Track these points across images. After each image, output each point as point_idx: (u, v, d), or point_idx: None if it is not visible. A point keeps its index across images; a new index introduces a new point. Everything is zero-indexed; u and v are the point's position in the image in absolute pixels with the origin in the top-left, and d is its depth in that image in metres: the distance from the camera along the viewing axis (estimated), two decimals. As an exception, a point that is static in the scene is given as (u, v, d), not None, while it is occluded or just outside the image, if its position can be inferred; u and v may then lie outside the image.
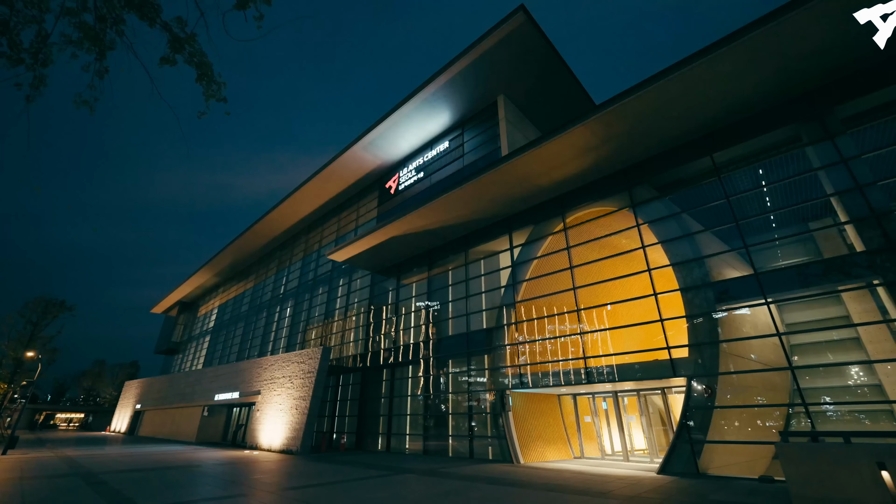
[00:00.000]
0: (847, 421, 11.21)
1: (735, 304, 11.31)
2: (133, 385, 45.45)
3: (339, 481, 10.56)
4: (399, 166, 26.50)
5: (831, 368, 11.61)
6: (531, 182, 15.66)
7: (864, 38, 9.56)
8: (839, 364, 11.60)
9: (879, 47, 9.27)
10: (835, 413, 11.36)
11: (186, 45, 5.68)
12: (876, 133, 10.82)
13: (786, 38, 9.88)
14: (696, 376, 11.07)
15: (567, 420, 16.70)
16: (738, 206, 11.98)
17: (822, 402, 11.34)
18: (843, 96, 10.80)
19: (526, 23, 17.23)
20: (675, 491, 8.60)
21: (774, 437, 9.85)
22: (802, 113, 11.32)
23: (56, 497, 8.56)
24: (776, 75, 10.90)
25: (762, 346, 11.35)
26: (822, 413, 11.26)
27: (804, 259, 12.18)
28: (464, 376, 17.55)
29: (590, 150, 13.85)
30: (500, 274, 17.85)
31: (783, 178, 11.91)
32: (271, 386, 22.02)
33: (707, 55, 10.45)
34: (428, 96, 21.31)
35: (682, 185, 13.66)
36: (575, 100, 21.59)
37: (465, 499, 8.21)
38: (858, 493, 6.02)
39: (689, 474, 10.49)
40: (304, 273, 32.78)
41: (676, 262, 12.36)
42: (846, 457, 6.24)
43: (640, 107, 11.99)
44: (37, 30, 5.72)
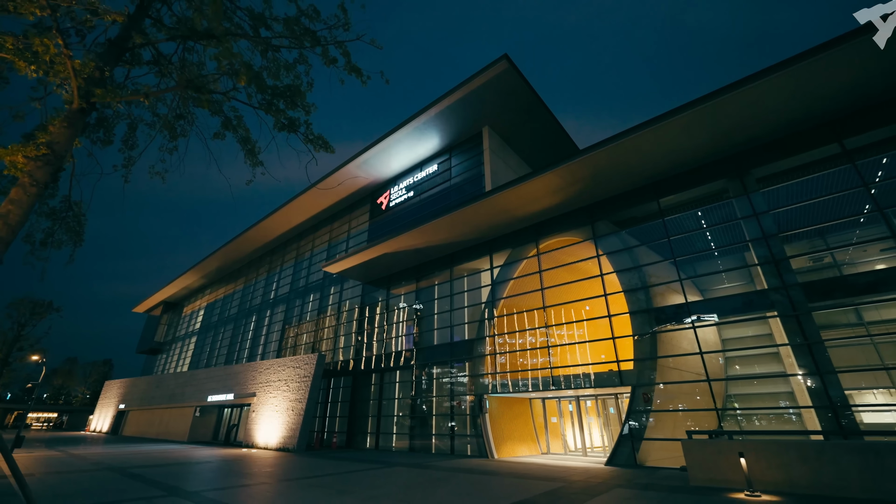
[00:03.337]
0: (764, 421, 13.90)
1: (671, 326, 13.85)
2: (115, 385, 45.75)
3: (341, 472, 12.53)
4: (390, 184, 28.44)
5: (756, 377, 14.31)
6: (510, 213, 17.94)
7: (775, 119, 12.21)
8: (750, 377, 14.31)
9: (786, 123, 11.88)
10: (752, 414, 14.04)
11: (240, 130, 7.55)
12: (785, 192, 13.51)
13: (711, 115, 12.42)
14: (639, 385, 13.53)
15: (536, 421, 19.07)
16: (677, 245, 14.53)
17: (732, 408, 14.01)
18: (758, 161, 13.45)
19: (509, 69, 19.50)
20: (613, 477, 10.97)
21: (695, 434, 12.37)
22: (728, 171, 13.94)
23: (107, 487, 10.24)
24: (708, 141, 13.47)
25: (696, 359, 13.91)
26: (738, 414, 13.91)
27: (721, 293, 14.85)
28: (446, 381, 19.69)
29: (559, 191, 16.21)
30: (481, 291, 20.08)
31: (715, 224, 14.54)
32: (267, 388, 23.64)
33: (652, 125, 12.90)
34: (420, 125, 23.36)
35: (635, 222, 16.16)
36: (552, 133, 24.04)
37: (448, 484, 10.34)
38: (730, 474, 8.47)
39: (629, 465, 12.92)
40: (296, 279, 34.27)
41: (627, 290, 14.84)
42: (723, 449, 8.69)
43: (598, 160, 14.40)
44: (128, 122, 7.57)
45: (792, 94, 11.48)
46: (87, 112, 4.51)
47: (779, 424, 14.02)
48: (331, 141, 7.28)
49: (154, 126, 7.80)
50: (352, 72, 6.43)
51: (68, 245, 6.99)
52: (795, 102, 11.80)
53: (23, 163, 4.35)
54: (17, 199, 4.00)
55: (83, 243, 7.05)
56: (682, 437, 13.47)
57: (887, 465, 7.49)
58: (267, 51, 6.76)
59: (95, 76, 4.68)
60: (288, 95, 5.96)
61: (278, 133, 6.27)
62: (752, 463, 8.41)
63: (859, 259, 14.58)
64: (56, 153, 4.32)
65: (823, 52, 10.20)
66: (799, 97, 11.59)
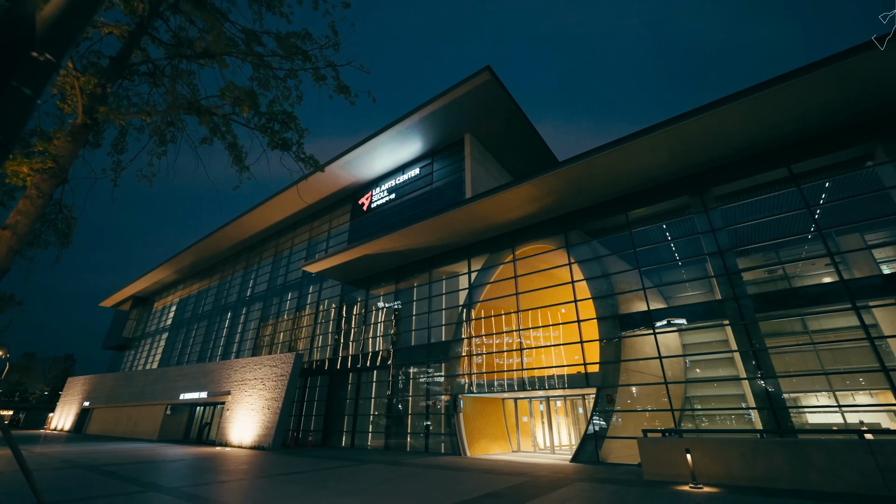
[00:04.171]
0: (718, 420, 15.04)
1: (634, 331, 14.80)
2: (78, 381, 44.12)
3: (317, 469, 12.87)
4: (372, 185, 28.71)
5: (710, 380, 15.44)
6: (488, 220, 18.61)
7: (731, 143, 13.28)
8: (704, 380, 15.44)
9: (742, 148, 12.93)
10: (707, 414, 15.16)
11: (228, 136, 7.87)
12: (741, 210, 14.66)
13: (673, 137, 13.39)
14: (603, 386, 14.41)
15: (508, 420, 19.83)
16: (643, 255, 15.51)
17: (688, 408, 15.10)
18: (717, 180, 14.55)
19: (491, 80, 20.18)
20: (577, 472, 11.74)
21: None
22: (690, 189, 15.00)
23: (83, 484, 10.28)
24: (671, 161, 14.47)
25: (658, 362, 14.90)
26: (694, 414, 15.00)
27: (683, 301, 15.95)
28: (423, 381, 20.20)
29: (535, 200, 16.98)
30: (459, 294, 20.68)
31: (679, 237, 15.60)
32: (242, 387, 23.56)
33: (619, 145, 13.79)
34: (403, 129, 23.77)
35: (605, 233, 17.10)
36: (531, 142, 24.90)
37: (423, 479, 10.87)
38: (678, 469, 9.34)
39: (592, 462, 13.77)
40: (274, 277, 34.04)
41: (595, 297, 15.72)
42: (672, 446, 9.55)
43: (571, 174, 15.23)
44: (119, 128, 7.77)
45: (745, 121, 12.55)
46: (90, 127, 4.80)
47: (732, 424, 15.21)
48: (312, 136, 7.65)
49: (143, 130, 8.02)
50: (340, 92, 6.86)
51: (55, 246, 7.16)
52: (749, 129, 12.88)
53: (26, 173, 4.63)
54: (25, 209, 4.29)
55: (71, 244, 7.23)
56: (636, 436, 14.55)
57: (811, 460, 8.47)
58: (259, 67, 7.12)
59: (98, 93, 4.97)
60: (283, 120, 6.35)
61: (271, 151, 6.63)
62: (698, 459, 9.31)
63: (808, 272, 15.96)
64: (61, 166, 4.61)
65: (768, 88, 11.27)
66: (751, 125, 12.68)
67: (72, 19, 1.59)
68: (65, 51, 1.57)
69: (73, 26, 1.62)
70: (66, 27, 1.56)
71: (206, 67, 6.84)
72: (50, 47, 1.50)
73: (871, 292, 11.70)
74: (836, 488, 8.04)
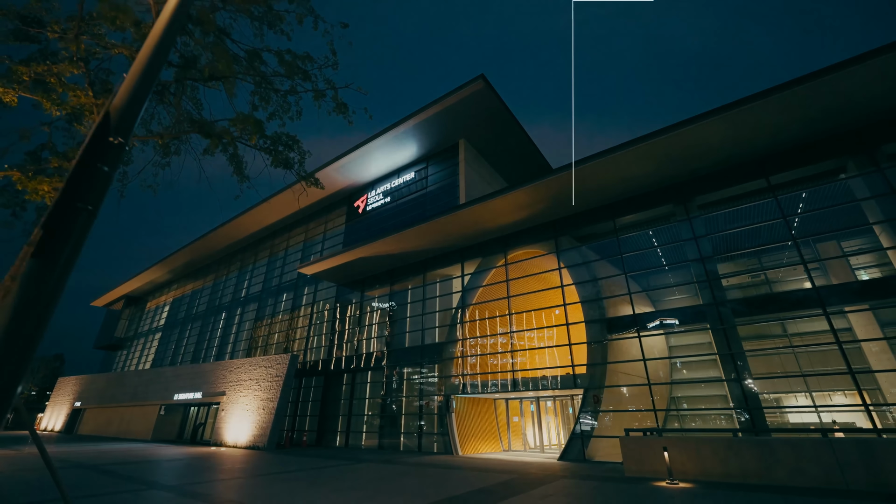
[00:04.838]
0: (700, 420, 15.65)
1: (621, 334, 15.36)
2: (69, 382, 43.91)
3: (312, 468, 13.25)
4: (368, 188, 29.08)
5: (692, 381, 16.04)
6: (481, 225, 19.09)
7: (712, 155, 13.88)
8: (687, 381, 16.05)
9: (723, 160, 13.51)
10: (690, 414, 15.77)
11: (230, 148, 8.26)
12: (723, 218, 15.28)
13: (658, 149, 13.96)
14: (590, 388, 14.95)
15: (500, 420, 20.33)
16: (630, 261, 16.08)
17: (671, 408, 15.70)
18: (700, 189, 15.15)
19: (485, 88, 20.67)
20: (563, 470, 12.26)
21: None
22: (674, 198, 15.59)
23: (85, 483, 10.58)
24: (656, 171, 15.05)
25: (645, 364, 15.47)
26: (678, 414, 15.60)
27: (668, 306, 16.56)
28: (416, 382, 20.63)
29: (526, 207, 17.49)
30: (452, 296, 21.14)
31: (664, 243, 16.21)
32: (237, 388, 23.81)
33: (606, 155, 14.34)
34: (398, 134, 24.19)
35: (594, 239, 17.66)
36: (524, 148, 25.43)
37: (416, 477, 11.31)
38: (656, 466, 9.88)
39: (579, 460, 14.29)
40: (269, 278, 34.25)
41: (583, 300, 16.27)
42: (651, 445, 10.10)
43: (561, 182, 15.75)
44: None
45: (723, 136, 13.16)
46: (106, 149, 5.19)
47: (718, 424, 15.85)
48: (308, 136, 8.06)
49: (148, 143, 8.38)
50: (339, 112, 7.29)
51: None
52: (726, 143, 13.50)
53: (46, 191, 5.00)
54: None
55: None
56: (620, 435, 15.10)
57: (779, 457, 9.05)
58: (262, 83, 7.53)
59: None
60: (287, 143, 6.75)
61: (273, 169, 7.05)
62: (675, 456, 9.85)
63: (787, 278, 16.66)
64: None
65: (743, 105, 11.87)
66: (730, 138, 13.29)
67: (134, 105, 2.00)
68: (130, 130, 1.98)
69: (135, 110, 2.03)
70: (131, 112, 1.97)
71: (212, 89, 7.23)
72: (120, 131, 1.90)
73: (848, 297, 12.35)
74: (800, 483, 8.62)
